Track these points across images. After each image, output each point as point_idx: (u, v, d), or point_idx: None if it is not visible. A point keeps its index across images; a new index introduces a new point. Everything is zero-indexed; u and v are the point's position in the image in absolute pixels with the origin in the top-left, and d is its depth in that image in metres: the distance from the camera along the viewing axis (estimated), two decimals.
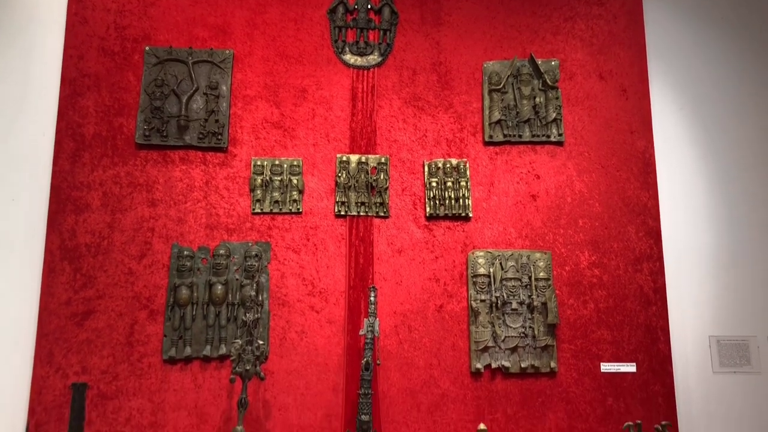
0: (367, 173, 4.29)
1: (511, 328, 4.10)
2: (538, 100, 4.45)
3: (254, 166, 4.23)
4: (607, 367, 4.12)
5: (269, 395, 3.92)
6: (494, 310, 4.11)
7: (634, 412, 4.06)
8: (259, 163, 4.23)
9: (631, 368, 4.13)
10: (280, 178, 4.23)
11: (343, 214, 4.23)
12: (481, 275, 4.16)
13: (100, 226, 4.06)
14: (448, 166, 4.32)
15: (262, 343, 3.75)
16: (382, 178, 4.27)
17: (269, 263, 4.11)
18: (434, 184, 4.29)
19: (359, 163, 4.29)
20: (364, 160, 4.31)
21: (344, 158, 4.31)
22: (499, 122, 4.42)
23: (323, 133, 4.36)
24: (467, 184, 4.31)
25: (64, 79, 4.23)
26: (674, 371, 4.16)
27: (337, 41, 4.50)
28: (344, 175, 4.26)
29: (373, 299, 3.88)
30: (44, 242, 4.00)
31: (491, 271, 4.16)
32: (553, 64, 4.53)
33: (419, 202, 4.30)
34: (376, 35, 4.53)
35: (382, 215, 4.25)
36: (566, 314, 4.18)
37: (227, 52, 4.38)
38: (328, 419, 3.91)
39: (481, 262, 4.18)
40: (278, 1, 4.52)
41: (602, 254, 4.28)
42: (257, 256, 4.07)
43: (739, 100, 4.69)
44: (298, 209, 4.21)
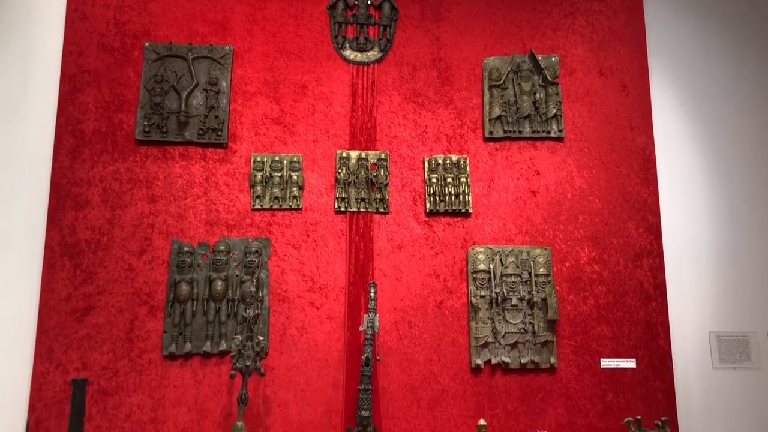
0: (367, 169, 4.28)
1: (511, 323, 4.10)
2: (538, 96, 4.45)
3: (254, 162, 4.22)
4: (607, 362, 4.13)
5: (269, 391, 3.92)
6: (494, 306, 4.11)
7: (633, 407, 4.06)
8: (259, 159, 4.23)
9: (631, 364, 4.13)
10: (280, 174, 4.22)
11: (343, 210, 4.23)
12: (481, 271, 4.16)
13: (100, 222, 4.06)
14: (448, 162, 4.32)
15: (262, 339, 3.75)
16: (382, 174, 4.27)
17: (269, 259, 4.11)
18: (434, 180, 4.29)
19: (359, 159, 4.29)
20: (364, 156, 4.30)
21: (344, 154, 4.30)
22: (499, 118, 4.41)
23: (323, 129, 4.35)
24: (467, 180, 4.31)
25: (63, 75, 4.22)
26: (674, 367, 4.17)
27: (337, 37, 4.49)
28: (344, 171, 4.26)
29: (373, 295, 3.88)
30: (44, 238, 4.00)
31: (491, 267, 4.16)
32: (553, 59, 4.52)
33: (419, 198, 4.30)
34: (376, 31, 4.52)
35: (382, 211, 4.25)
36: (566, 310, 4.19)
37: (227, 48, 4.37)
38: (328, 415, 3.92)
39: (481, 258, 4.18)
40: None
41: (602, 250, 4.29)
42: (257, 252, 4.07)
43: (739, 95, 4.69)
44: (298, 205, 4.20)
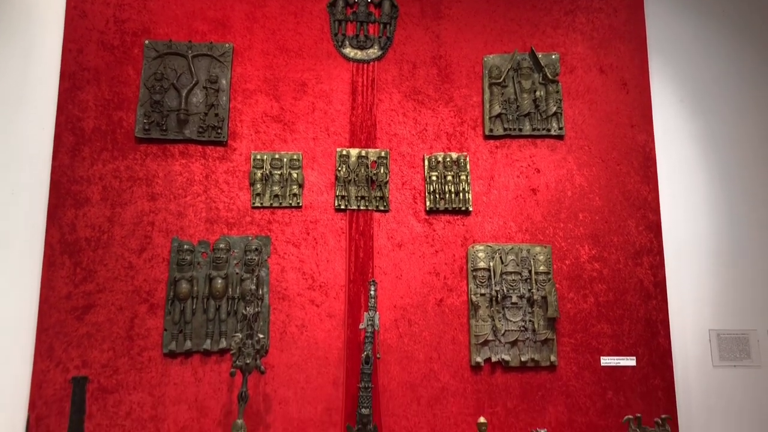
0: (367, 167, 4.28)
1: (511, 321, 4.10)
2: (538, 93, 4.44)
3: (254, 160, 4.22)
4: (607, 360, 4.13)
5: (269, 389, 3.92)
6: (494, 303, 4.11)
7: (633, 405, 4.06)
8: (258, 157, 4.23)
9: (631, 362, 4.13)
10: (280, 172, 4.22)
11: (343, 208, 4.23)
12: (481, 269, 4.16)
13: (100, 220, 4.06)
14: (448, 159, 4.32)
15: (262, 336, 3.76)
16: (382, 172, 4.27)
17: (269, 257, 4.11)
18: (434, 178, 4.29)
19: (359, 157, 4.29)
20: (364, 154, 4.30)
21: (344, 152, 4.30)
22: (499, 116, 4.41)
23: (323, 126, 4.35)
24: (467, 178, 4.30)
25: (63, 72, 4.22)
26: (674, 365, 4.16)
27: (336, 35, 4.48)
28: (344, 169, 4.25)
29: (373, 293, 3.88)
30: (44, 236, 4.00)
31: (491, 265, 4.16)
32: (553, 57, 4.52)
33: (419, 196, 4.30)
34: (376, 29, 4.51)
35: (382, 209, 4.25)
36: (566, 308, 4.18)
37: (227, 45, 4.37)
38: (328, 413, 3.92)
39: (481, 255, 4.18)
40: None
41: (602, 248, 4.28)
42: (257, 250, 4.07)
43: (739, 93, 4.69)
44: (298, 203, 4.20)
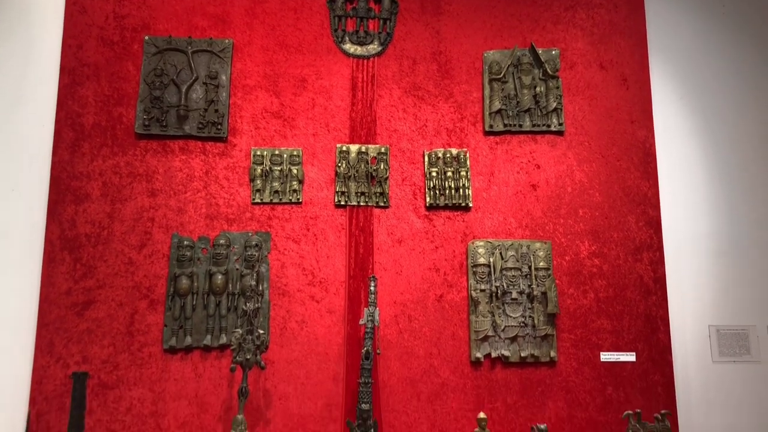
0: (367, 163, 4.28)
1: (510, 317, 4.10)
2: (538, 89, 4.44)
3: (254, 156, 4.22)
4: (606, 356, 4.13)
5: (270, 384, 3.93)
6: (494, 299, 4.11)
7: (633, 401, 4.07)
8: (258, 153, 4.23)
9: (630, 357, 4.14)
10: (279, 168, 4.22)
11: (343, 204, 4.22)
12: (481, 265, 4.16)
13: (100, 216, 4.06)
14: (448, 155, 4.32)
15: (262, 332, 3.76)
16: (382, 168, 4.27)
17: (269, 253, 4.11)
18: (434, 173, 4.29)
19: (359, 153, 4.29)
20: (364, 150, 4.30)
21: (344, 148, 4.30)
22: (499, 112, 4.40)
23: (323, 122, 4.35)
24: (467, 173, 4.30)
25: (63, 68, 4.22)
26: (674, 361, 4.17)
27: (336, 30, 4.48)
28: (344, 165, 4.25)
29: (373, 289, 3.88)
30: (44, 232, 4.00)
31: (491, 260, 4.16)
32: (553, 53, 4.51)
33: (419, 192, 4.30)
34: (376, 24, 4.51)
35: (382, 205, 4.25)
36: (566, 304, 4.19)
37: (227, 41, 4.36)
38: (328, 408, 3.93)
39: (481, 251, 4.18)
40: None
41: (602, 244, 4.28)
42: (257, 246, 4.07)
43: (739, 89, 4.68)
44: (298, 199, 4.20)
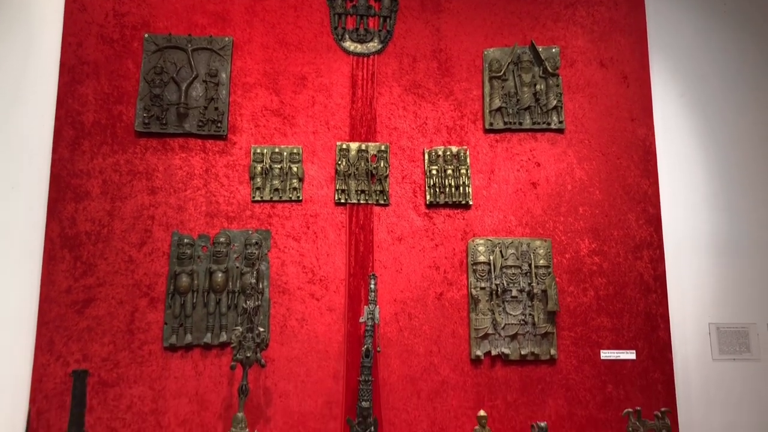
0: (367, 161, 4.27)
1: (511, 315, 4.11)
2: (538, 87, 4.43)
3: (254, 153, 4.22)
4: (606, 354, 4.13)
5: (270, 382, 3.93)
6: (494, 297, 4.11)
7: (633, 399, 4.07)
8: (258, 150, 4.22)
9: (630, 355, 4.14)
10: (279, 165, 4.22)
11: (343, 202, 4.22)
12: (481, 263, 4.16)
13: (100, 213, 4.06)
14: (448, 153, 4.31)
15: (262, 330, 3.76)
16: (382, 165, 4.26)
17: (269, 251, 4.11)
18: (434, 171, 4.28)
19: (359, 150, 4.28)
20: (364, 147, 4.30)
21: (344, 146, 4.30)
22: (499, 110, 4.40)
23: (323, 120, 4.34)
24: (467, 171, 4.30)
25: (63, 66, 4.21)
26: (674, 358, 4.17)
27: (336, 28, 4.47)
28: (344, 162, 4.25)
29: (373, 287, 3.89)
30: (44, 230, 4.00)
31: (491, 258, 4.16)
32: (553, 51, 4.51)
33: (419, 189, 4.30)
34: (376, 22, 4.50)
35: (382, 203, 4.25)
36: (566, 301, 4.19)
37: (226, 39, 4.36)
38: (328, 406, 3.93)
39: (481, 249, 4.18)
40: None
41: (602, 242, 4.28)
42: (257, 243, 4.07)
43: (740, 87, 4.68)
44: (298, 197, 4.20)
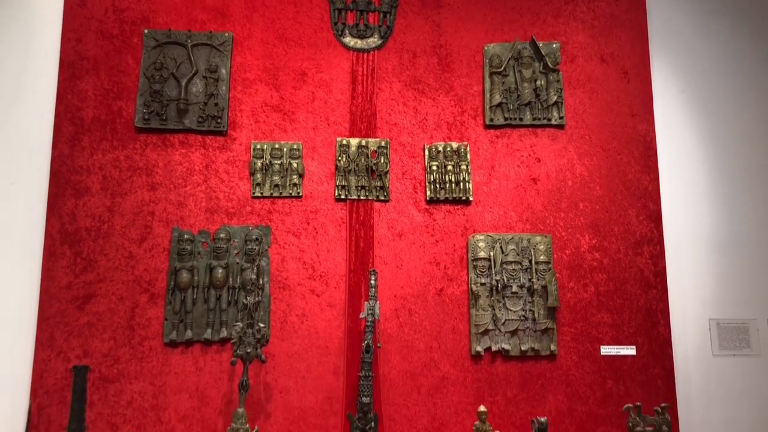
0: (367, 157, 4.27)
1: (511, 311, 4.10)
2: (539, 83, 4.43)
3: (254, 149, 4.21)
4: (607, 350, 4.13)
5: (270, 378, 3.93)
6: (494, 293, 4.11)
7: (633, 394, 4.07)
8: (258, 146, 4.22)
9: (630, 351, 4.14)
10: (279, 161, 4.21)
11: (343, 198, 4.22)
12: (481, 259, 4.16)
13: (100, 209, 4.06)
14: (448, 149, 4.31)
15: (263, 326, 3.76)
16: (382, 161, 4.26)
17: (269, 247, 4.11)
18: (434, 167, 4.28)
19: (359, 146, 4.28)
20: (364, 143, 4.29)
21: (344, 142, 4.29)
22: (499, 105, 4.40)
23: (323, 116, 4.34)
24: (468, 167, 4.30)
25: (62, 62, 4.21)
26: (674, 354, 4.17)
27: (336, 24, 4.46)
28: (344, 158, 4.25)
29: (373, 283, 3.89)
30: (44, 226, 4.00)
31: (491, 254, 4.16)
32: (554, 46, 4.50)
33: (419, 185, 4.29)
34: (376, 17, 4.49)
35: (382, 199, 4.24)
36: (566, 297, 4.19)
37: (226, 35, 4.35)
38: (329, 401, 3.93)
39: (481, 245, 4.18)
40: None
41: (603, 238, 4.28)
42: (257, 239, 4.07)
43: (740, 83, 4.67)
44: (298, 193, 4.20)
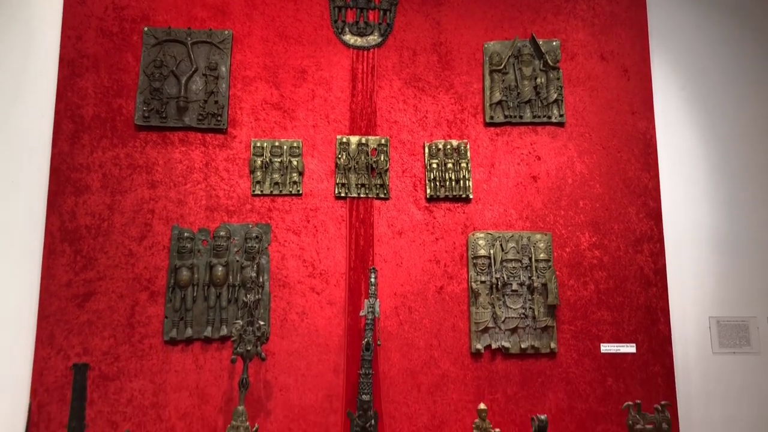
0: (367, 155, 4.27)
1: (511, 309, 4.11)
2: (539, 80, 4.42)
3: (254, 147, 4.21)
4: (607, 347, 4.14)
5: (270, 376, 3.93)
6: (494, 291, 4.11)
7: (633, 392, 4.07)
8: (258, 144, 4.22)
9: (630, 349, 4.14)
10: (280, 159, 4.21)
11: (343, 195, 4.22)
12: (481, 256, 4.16)
13: (100, 207, 4.06)
14: (448, 147, 4.31)
15: (263, 324, 3.76)
16: (382, 159, 4.26)
17: (270, 245, 4.11)
18: (435, 165, 4.28)
19: (359, 144, 4.28)
20: (364, 141, 4.29)
21: (344, 140, 4.29)
22: (499, 103, 4.39)
23: (323, 114, 4.33)
24: (468, 165, 4.29)
25: (62, 60, 4.20)
26: (674, 352, 4.17)
27: (336, 21, 4.46)
28: (344, 156, 4.24)
29: (373, 280, 3.89)
30: (44, 224, 4.00)
31: (491, 252, 4.16)
32: (554, 44, 4.49)
33: (419, 183, 4.29)
34: (376, 15, 4.49)
35: (382, 197, 4.24)
36: (566, 295, 4.19)
37: (226, 32, 4.34)
38: (329, 399, 3.93)
39: (481, 243, 4.18)
40: None
41: (603, 235, 4.28)
42: (257, 237, 4.07)
43: (740, 81, 4.67)
44: (298, 191, 4.20)
